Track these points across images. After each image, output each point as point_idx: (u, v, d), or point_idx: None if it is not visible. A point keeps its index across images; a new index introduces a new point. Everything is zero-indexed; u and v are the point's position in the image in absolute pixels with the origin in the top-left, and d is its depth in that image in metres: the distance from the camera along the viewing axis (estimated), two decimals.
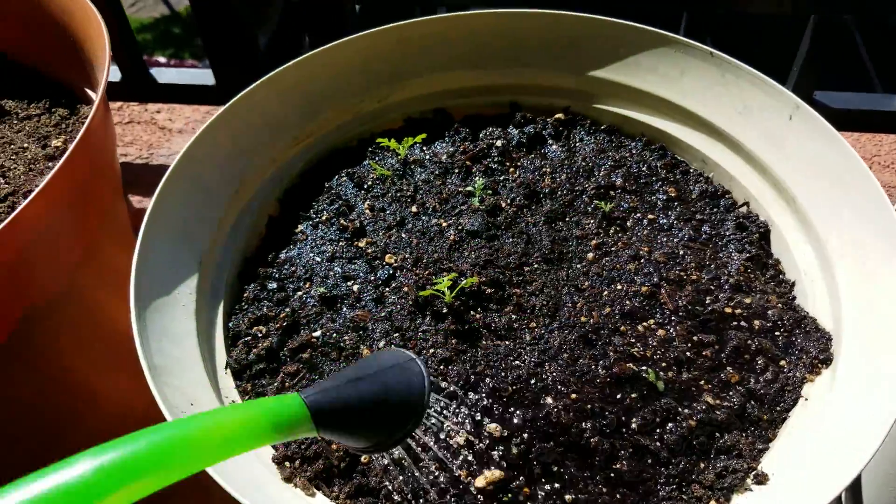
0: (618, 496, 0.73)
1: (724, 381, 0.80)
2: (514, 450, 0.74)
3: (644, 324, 0.84)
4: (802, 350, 0.83)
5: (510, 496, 0.72)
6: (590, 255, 0.92)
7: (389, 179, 1.02)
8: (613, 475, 0.73)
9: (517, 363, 0.80)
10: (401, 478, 0.72)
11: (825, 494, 0.65)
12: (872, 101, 1.48)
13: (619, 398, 0.78)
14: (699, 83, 1.02)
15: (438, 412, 0.76)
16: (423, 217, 0.97)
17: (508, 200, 0.98)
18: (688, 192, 1.00)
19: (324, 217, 0.98)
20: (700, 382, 0.80)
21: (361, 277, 0.90)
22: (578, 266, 0.91)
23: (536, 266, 0.90)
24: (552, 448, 0.74)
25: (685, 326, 0.84)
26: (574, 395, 0.77)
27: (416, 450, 0.73)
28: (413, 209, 0.98)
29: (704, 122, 1.02)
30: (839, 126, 0.90)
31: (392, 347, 0.81)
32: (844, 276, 0.84)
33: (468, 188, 0.99)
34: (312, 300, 0.88)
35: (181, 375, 0.76)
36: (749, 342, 0.83)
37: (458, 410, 0.77)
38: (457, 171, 1.03)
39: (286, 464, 0.74)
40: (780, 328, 0.85)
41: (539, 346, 0.82)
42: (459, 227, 0.94)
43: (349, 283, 0.90)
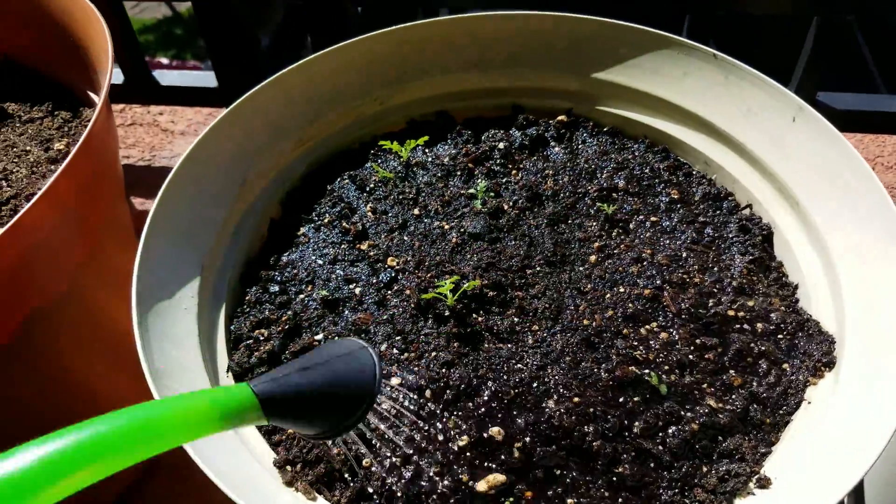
0: (620, 500, 0.72)
1: (727, 385, 0.80)
2: (517, 453, 0.73)
3: (647, 327, 0.84)
4: (805, 353, 0.83)
5: (512, 500, 0.72)
6: (592, 258, 0.92)
7: (391, 182, 1.02)
8: (616, 479, 0.73)
9: (519, 366, 0.80)
10: (402, 482, 0.72)
11: (828, 498, 0.65)
12: (876, 102, 1.47)
13: (622, 401, 0.78)
14: (702, 85, 1.01)
15: (394, 399, 0.77)
16: (426, 219, 0.97)
17: (511, 203, 0.98)
18: (690, 195, 1.00)
19: (326, 220, 0.98)
20: (703, 385, 0.80)
21: (363, 280, 0.90)
22: (581, 269, 0.91)
23: (539, 269, 0.90)
24: (554, 452, 0.74)
25: (688, 329, 0.84)
26: (576, 399, 0.77)
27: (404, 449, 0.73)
28: (415, 212, 0.97)
29: (707, 124, 1.02)
30: (842, 127, 0.90)
31: (349, 337, 0.81)
32: (847, 279, 0.84)
33: (470, 190, 0.99)
34: (314, 303, 0.88)
35: (182, 379, 0.76)
36: (752, 345, 0.83)
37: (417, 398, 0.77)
38: (459, 174, 1.02)
39: (287, 468, 0.74)
40: (783, 331, 0.85)
41: (541, 350, 0.82)
42: (462, 230, 0.94)
43: (351, 286, 0.89)
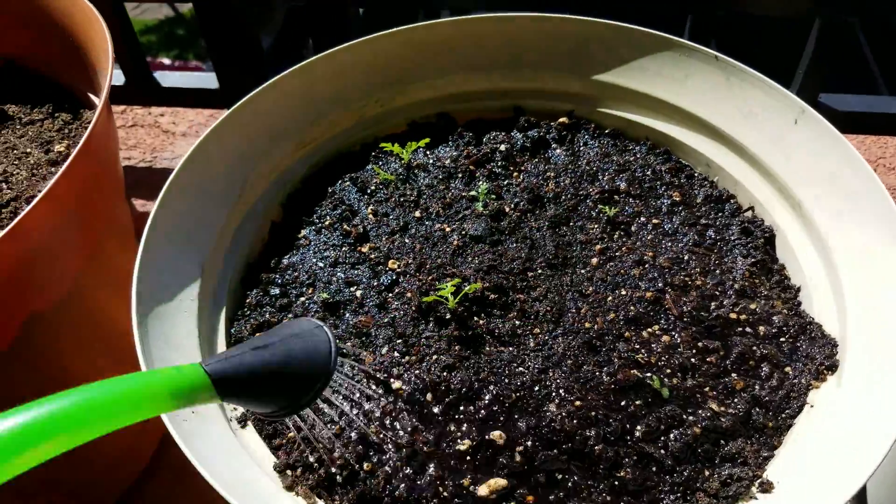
0: None
1: (729, 388, 0.80)
2: (518, 457, 0.73)
3: (648, 330, 0.84)
4: (808, 356, 0.82)
5: None
6: (594, 261, 0.91)
7: (393, 184, 1.01)
8: (617, 483, 0.73)
9: (521, 370, 0.80)
10: (403, 485, 0.72)
11: (832, 503, 0.65)
12: (878, 104, 1.47)
13: (624, 405, 0.77)
14: (704, 86, 1.01)
15: (349, 376, 0.77)
16: (427, 222, 0.96)
17: (512, 205, 0.98)
18: (692, 197, 1.00)
19: (327, 222, 0.97)
20: (705, 389, 0.80)
21: (364, 283, 0.90)
22: (582, 271, 0.90)
23: (540, 271, 0.90)
24: (556, 456, 0.73)
25: (690, 332, 0.83)
26: (578, 403, 0.77)
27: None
28: (416, 214, 0.97)
29: (709, 126, 1.01)
30: (844, 128, 0.89)
31: (306, 317, 0.81)
32: (850, 281, 0.84)
33: (472, 193, 0.99)
34: (315, 306, 0.88)
35: None
36: (754, 348, 0.82)
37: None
38: (460, 176, 1.02)
39: (288, 472, 0.74)
40: (786, 334, 0.85)
41: (543, 353, 0.81)
42: (463, 232, 0.94)
43: (352, 289, 0.89)
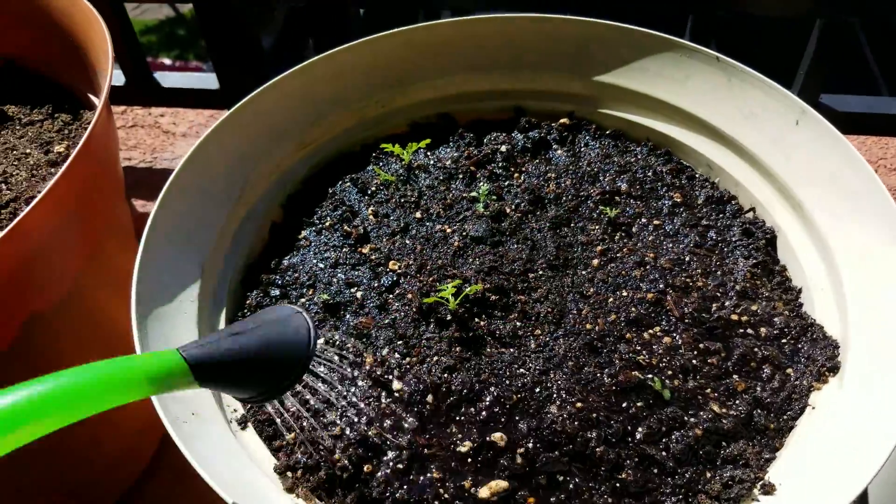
0: None
1: (731, 390, 0.80)
2: (519, 459, 0.73)
3: (650, 331, 0.84)
4: (809, 358, 0.82)
5: None
6: (595, 262, 0.91)
7: (393, 185, 1.01)
8: (619, 485, 0.73)
9: (522, 371, 0.80)
10: (404, 487, 0.72)
11: None
12: (879, 105, 1.47)
13: (625, 407, 0.77)
14: (705, 87, 1.01)
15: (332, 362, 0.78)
16: (428, 223, 0.96)
17: (513, 206, 0.97)
18: (693, 198, 0.99)
19: (327, 223, 0.97)
20: (706, 391, 0.79)
21: (365, 284, 0.90)
22: (584, 272, 0.90)
23: (541, 272, 0.90)
24: (557, 458, 0.73)
25: (691, 334, 0.83)
26: (579, 404, 0.76)
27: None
28: (417, 215, 0.97)
29: (710, 127, 1.01)
30: (845, 129, 0.89)
31: (284, 304, 0.82)
32: (851, 283, 0.83)
33: (472, 194, 0.99)
34: (315, 307, 0.88)
35: None
36: (755, 350, 0.82)
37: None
38: (461, 177, 1.02)
39: (288, 474, 0.74)
40: (787, 336, 0.85)
41: (544, 354, 0.81)
42: (464, 233, 0.94)
43: (352, 290, 0.89)
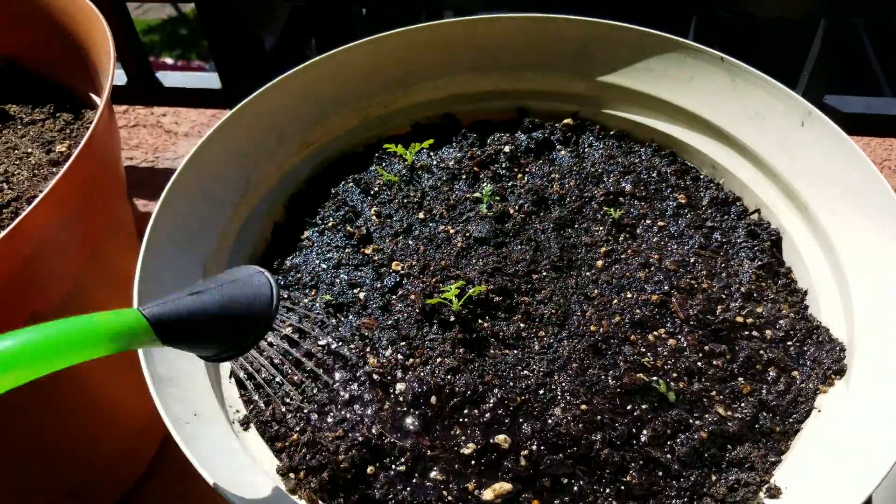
0: None
1: (736, 392, 0.79)
2: (523, 461, 0.73)
3: (654, 333, 0.83)
4: (815, 360, 0.82)
5: None
6: (599, 263, 0.90)
7: (396, 185, 1.01)
8: (623, 488, 0.72)
9: (526, 373, 0.79)
10: (407, 489, 0.71)
11: None
12: (883, 106, 1.46)
13: (630, 409, 0.77)
14: (709, 88, 1.00)
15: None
16: (431, 224, 0.96)
17: (517, 207, 0.97)
18: (698, 199, 0.99)
19: (330, 223, 0.97)
20: (711, 393, 0.79)
21: (368, 285, 0.89)
22: (588, 274, 0.90)
23: (545, 274, 0.89)
24: (561, 460, 0.73)
25: (696, 336, 0.83)
26: (583, 406, 0.76)
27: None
28: (420, 216, 0.97)
29: (715, 128, 1.01)
30: (850, 130, 0.89)
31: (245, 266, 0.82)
32: (857, 284, 0.83)
33: (476, 194, 0.98)
34: (318, 308, 0.87)
35: (184, 385, 0.75)
36: (761, 352, 0.82)
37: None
38: (464, 177, 1.01)
39: (291, 475, 0.73)
40: (793, 338, 0.84)
41: (548, 356, 0.81)
42: (467, 234, 0.93)
43: (355, 291, 0.89)
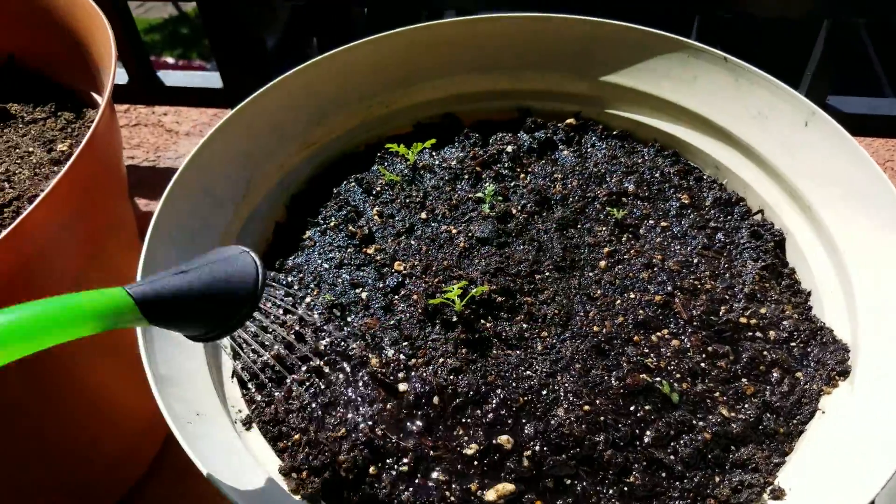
0: None
1: (740, 393, 0.79)
2: (526, 462, 0.72)
3: (658, 334, 0.83)
4: (819, 361, 0.81)
5: None
6: (602, 263, 0.90)
7: (398, 185, 1.01)
8: (627, 489, 0.72)
9: (528, 373, 0.79)
10: (410, 490, 0.71)
11: None
12: (887, 107, 1.46)
13: (633, 410, 0.76)
14: (712, 88, 1.00)
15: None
16: (433, 223, 0.95)
17: (519, 207, 0.97)
18: (701, 200, 0.99)
19: (332, 223, 0.96)
20: (715, 394, 0.79)
21: (370, 285, 0.89)
22: (591, 274, 0.89)
23: (548, 274, 0.89)
24: (564, 461, 0.72)
25: (699, 337, 0.82)
26: (587, 407, 0.76)
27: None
28: (422, 215, 0.96)
29: (718, 128, 1.00)
30: (853, 131, 0.89)
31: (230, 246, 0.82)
32: (861, 285, 0.83)
33: (478, 194, 0.98)
34: (320, 308, 0.87)
35: (187, 385, 0.75)
36: (765, 353, 0.81)
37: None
38: (467, 177, 1.01)
39: (293, 475, 0.73)
40: (796, 339, 0.84)
41: (551, 357, 0.80)
42: (469, 234, 0.93)
43: (357, 291, 0.88)
